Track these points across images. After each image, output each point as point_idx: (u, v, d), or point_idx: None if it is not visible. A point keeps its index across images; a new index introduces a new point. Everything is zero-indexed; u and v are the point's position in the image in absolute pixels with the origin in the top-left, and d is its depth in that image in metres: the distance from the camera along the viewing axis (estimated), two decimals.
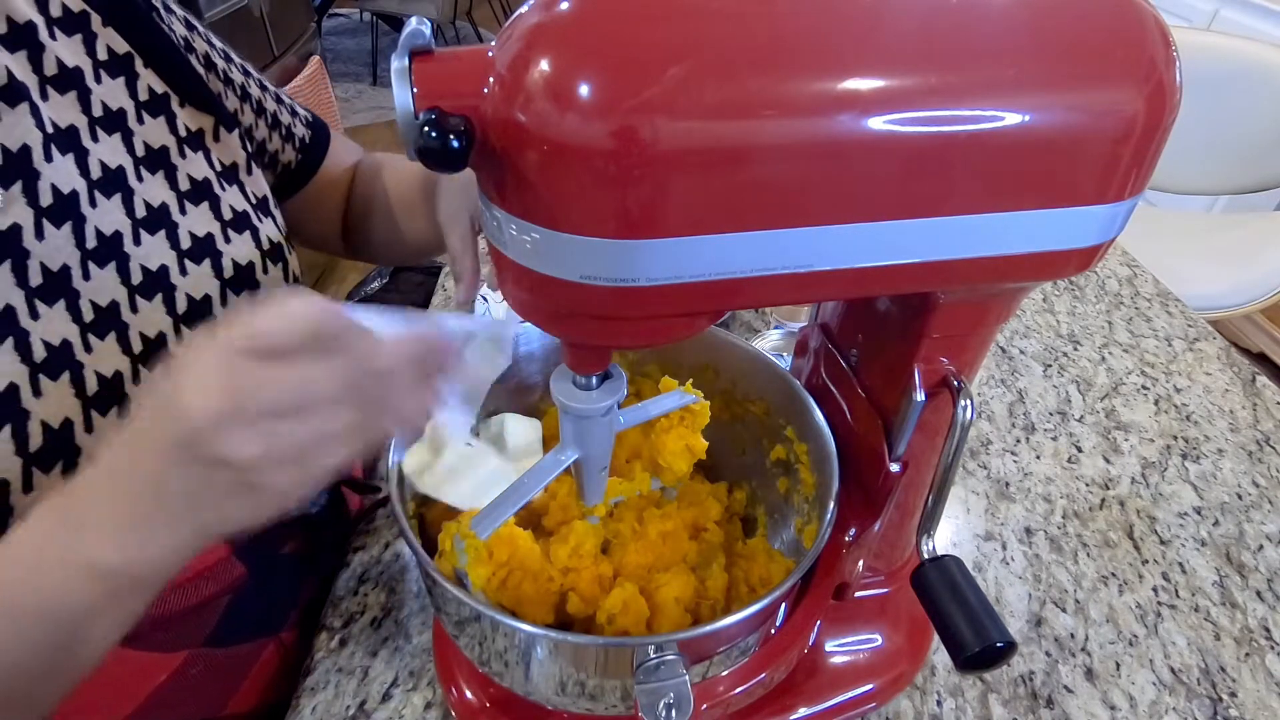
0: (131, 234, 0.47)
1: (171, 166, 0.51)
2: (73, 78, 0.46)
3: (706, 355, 0.59)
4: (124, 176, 0.48)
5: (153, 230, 0.49)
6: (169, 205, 0.50)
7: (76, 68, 0.47)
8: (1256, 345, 2.17)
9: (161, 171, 0.50)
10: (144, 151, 0.50)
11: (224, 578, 0.53)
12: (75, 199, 0.44)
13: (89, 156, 0.46)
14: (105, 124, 0.48)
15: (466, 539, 0.46)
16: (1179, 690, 0.59)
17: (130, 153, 0.49)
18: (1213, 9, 2.15)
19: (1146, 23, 0.29)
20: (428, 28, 0.28)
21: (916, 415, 0.41)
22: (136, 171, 0.49)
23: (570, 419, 0.40)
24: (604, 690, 0.43)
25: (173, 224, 0.50)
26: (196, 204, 0.51)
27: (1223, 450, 0.80)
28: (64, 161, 0.45)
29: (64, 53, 0.46)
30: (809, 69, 0.27)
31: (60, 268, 0.43)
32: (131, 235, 0.47)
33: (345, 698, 0.55)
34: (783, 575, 0.49)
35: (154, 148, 0.50)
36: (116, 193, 0.47)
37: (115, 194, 0.47)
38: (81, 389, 0.43)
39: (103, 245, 0.46)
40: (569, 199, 0.27)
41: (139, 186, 0.49)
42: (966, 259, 0.32)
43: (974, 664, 0.35)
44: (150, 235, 0.48)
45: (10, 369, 0.40)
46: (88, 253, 0.45)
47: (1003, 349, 0.93)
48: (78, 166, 0.46)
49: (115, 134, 0.48)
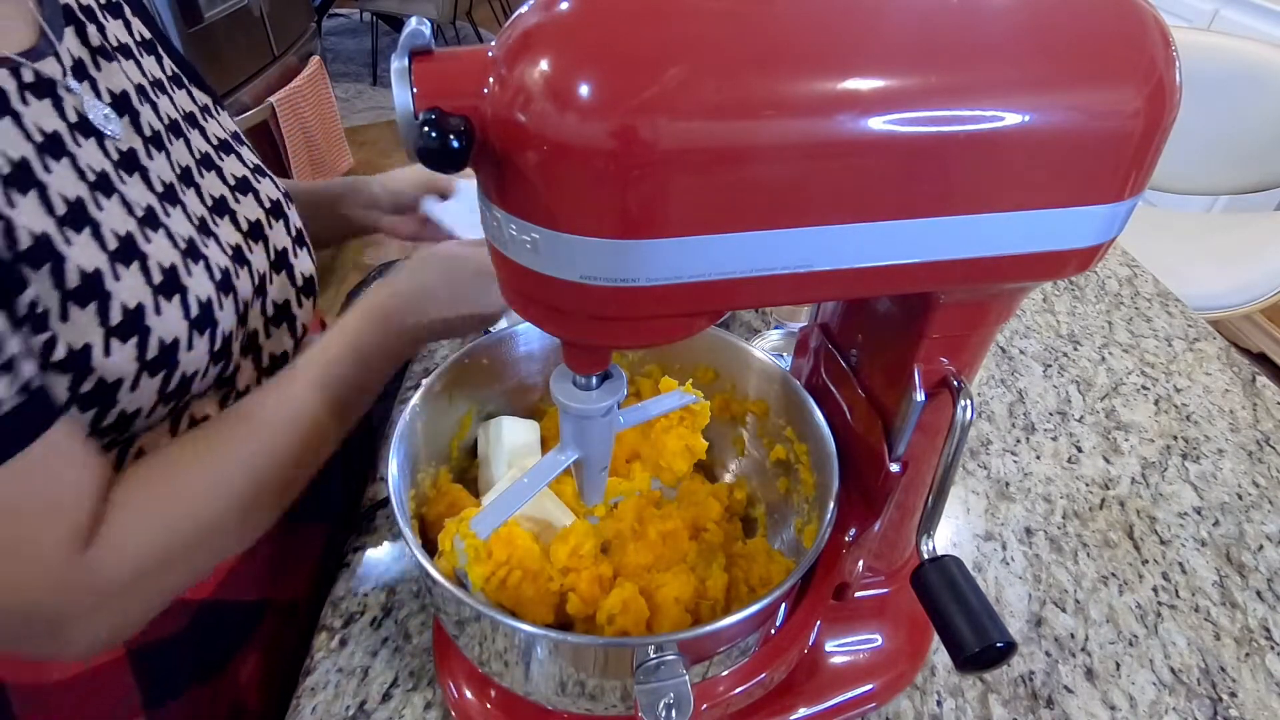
0: (197, 170, 0.56)
1: (202, 126, 0.60)
2: (124, 50, 0.54)
3: (706, 355, 0.59)
4: (180, 127, 0.57)
5: (208, 168, 0.58)
6: (191, 166, 0.57)
7: (125, 43, 0.55)
8: (1256, 345, 2.17)
9: (197, 130, 0.59)
10: (183, 114, 0.58)
11: None
12: (161, 134, 0.53)
13: (158, 108, 0.55)
14: (156, 87, 0.56)
15: (466, 539, 0.46)
16: (1179, 690, 0.59)
17: (177, 110, 0.57)
18: (1213, 9, 2.15)
19: (1146, 23, 0.29)
20: (428, 28, 0.28)
21: (916, 415, 0.41)
22: (179, 129, 0.57)
23: (570, 419, 0.40)
24: (604, 690, 0.43)
25: (196, 185, 0.56)
26: (208, 170, 0.58)
27: (1223, 450, 0.80)
28: (148, 108, 0.53)
29: (114, 29, 0.55)
30: (809, 69, 0.27)
31: (167, 184, 0.52)
32: (197, 171, 0.56)
33: (345, 698, 0.55)
34: (783, 575, 0.49)
35: (185, 111, 0.58)
36: (179, 139, 0.56)
37: (179, 140, 0.56)
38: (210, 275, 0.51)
39: (184, 174, 0.54)
40: (569, 199, 0.27)
41: (192, 135, 0.58)
42: (966, 259, 0.32)
43: (974, 664, 0.35)
44: (207, 172, 0.57)
45: (139, 292, 0.45)
46: (178, 175, 0.54)
47: (1003, 349, 0.93)
48: (155, 113, 0.54)
49: (164, 97, 0.56)
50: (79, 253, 0.42)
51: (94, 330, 0.42)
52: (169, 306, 0.46)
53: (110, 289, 0.43)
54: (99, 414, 0.44)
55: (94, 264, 0.43)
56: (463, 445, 0.57)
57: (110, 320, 0.43)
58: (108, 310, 0.43)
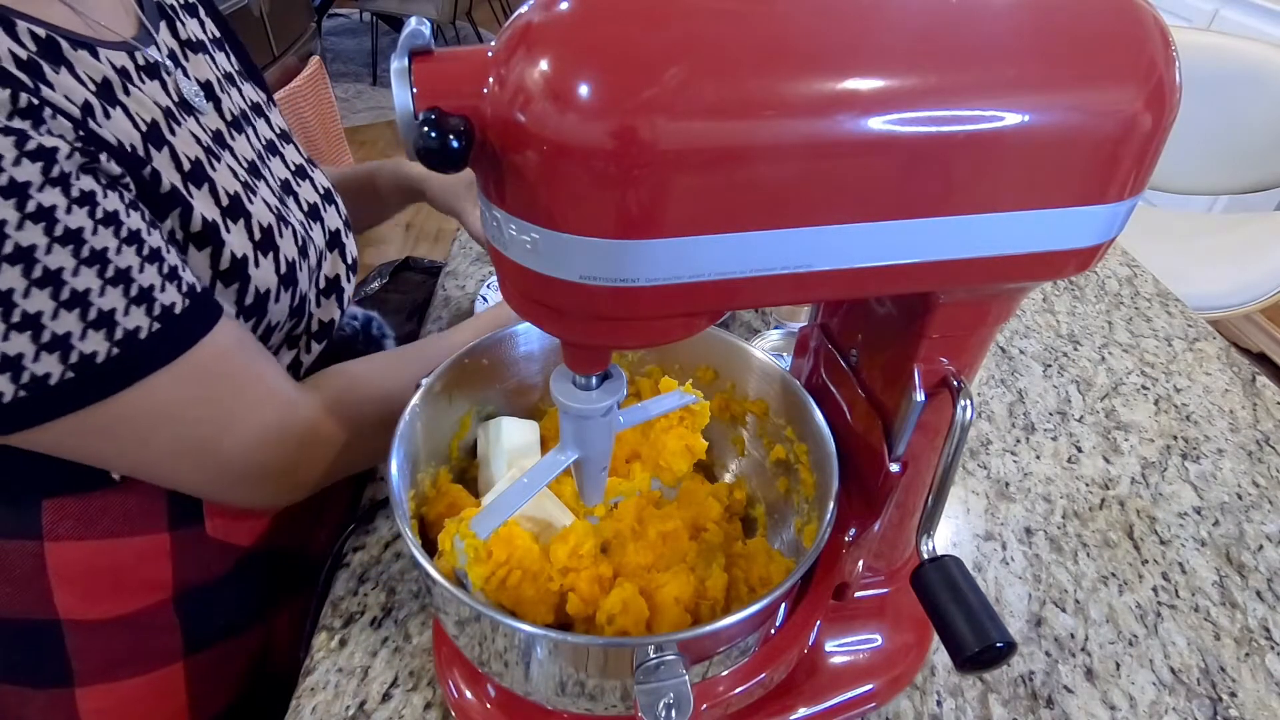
0: (266, 153, 0.62)
1: (267, 116, 0.66)
2: (198, 46, 0.60)
3: (706, 355, 0.59)
4: (247, 117, 0.62)
5: (272, 155, 0.63)
6: (261, 151, 0.62)
7: (200, 40, 0.61)
8: (1256, 345, 2.17)
9: (263, 120, 0.65)
10: (250, 104, 0.64)
11: None
12: (245, 116, 0.60)
13: (232, 96, 0.60)
14: (226, 80, 0.61)
15: (466, 539, 0.46)
16: (1179, 690, 0.59)
17: (245, 101, 0.63)
18: (1213, 9, 2.15)
19: (1146, 23, 0.29)
20: (427, 28, 0.28)
21: (916, 415, 0.41)
22: (248, 118, 0.63)
23: (570, 419, 0.40)
24: (604, 690, 0.43)
25: (269, 166, 0.61)
26: (273, 156, 0.64)
27: (1223, 450, 0.80)
28: (226, 96, 0.59)
29: (190, 27, 0.61)
30: (808, 69, 0.27)
31: (250, 162, 0.58)
32: (266, 154, 0.62)
33: (345, 698, 0.54)
34: (783, 575, 0.49)
35: (252, 102, 0.64)
36: (250, 127, 0.62)
37: (250, 127, 0.62)
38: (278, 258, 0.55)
39: (259, 154, 0.60)
40: (569, 199, 0.27)
41: (258, 123, 0.64)
42: (966, 259, 0.32)
43: (974, 664, 0.35)
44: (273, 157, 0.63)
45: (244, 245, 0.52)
46: (259, 152, 0.59)
47: (1003, 349, 0.93)
48: (233, 101, 0.60)
49: (234, 89, 0.62)
50: (201, 204, 0.49)
51: (204, 273, 0.49)
52: (265, 261, 0.53)
53: (224, 239, 0.50)
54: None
55: (212, 215, 0.49)
56: (463, 445, 0.57)
57: (220, 266, 0.50)
58: (219, 257, 0.49)
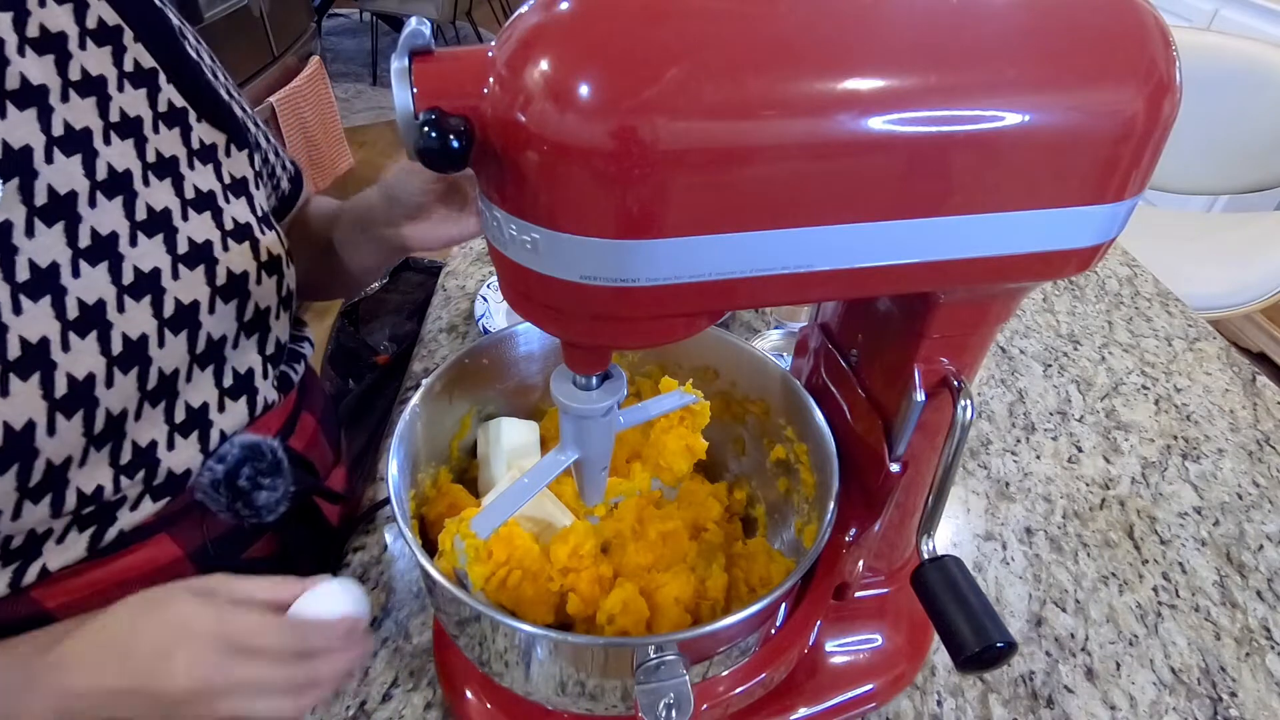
0: (129, 235, 0.49)
1: (180, 175, 0.53)
2: (95, 84, 0.49)
3: (706, 355, 0.59)
4: (130, 180, 0.49)
5: (150, 233, 0.50)
6: (171, 210, 0.51)
7: (101, 75, 0.49)
8: (1256, 345, 2.17)
9: (169, 178, 0.52)
10: (154, 158, 0.51)
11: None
12: (73, 199, 0.46)
13: (97, 159, 0.48)
14: (120, 129, 0.50)
15: (466, 539, 0.46)
16: (1179, 690, 0.59)
17: (140, 158, 0.51)
18: (1213, 9, 2.15)
19: (1146, 22, 0.29)
20: (428, 28, 0.28)
21: (916, 415, 0.41)
22: (144, 176, 0.51)
23: (570, 419, 0.40)
24: (604, 690, 0.43)
25: (172, 229, 0.51)
26: (200, 212, 0.53)
27: (1223, 450, 0.80)
28: (68, 163, 0.46)
29: (90, 61, 0.49)
30: (809, 69, 0.27)
31: (49, 264, 0.44)
32: (129, 237, 0.49)
33: (345, 698, 0.55)
34: (783, 575, 0.49)
35: (165, 156, 0.52)
36: (119, 195, 0.49)
37: (118, 196, 0.49)
38: (50, 390, 0.44)
39: (97, 245, 0.47)
40: (569, 199, 0.27)
41: (144, 190, 0.50)
42: (966, 259, 0.32)
43: (974, 664, 0.35)
44: (148, 238, 0.50)
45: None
46: (79, 251, 0.46)
47: (1003, 349, 0.93)
48: (83, 167, 0.47)
49: (129, 139, 0.50)
50: None
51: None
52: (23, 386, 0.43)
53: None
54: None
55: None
56: (463, 445, 0.57)
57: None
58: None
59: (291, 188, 0.70)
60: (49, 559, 0.47)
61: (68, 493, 0.46)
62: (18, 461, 0.43)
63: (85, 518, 0.48)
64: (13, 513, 0.44)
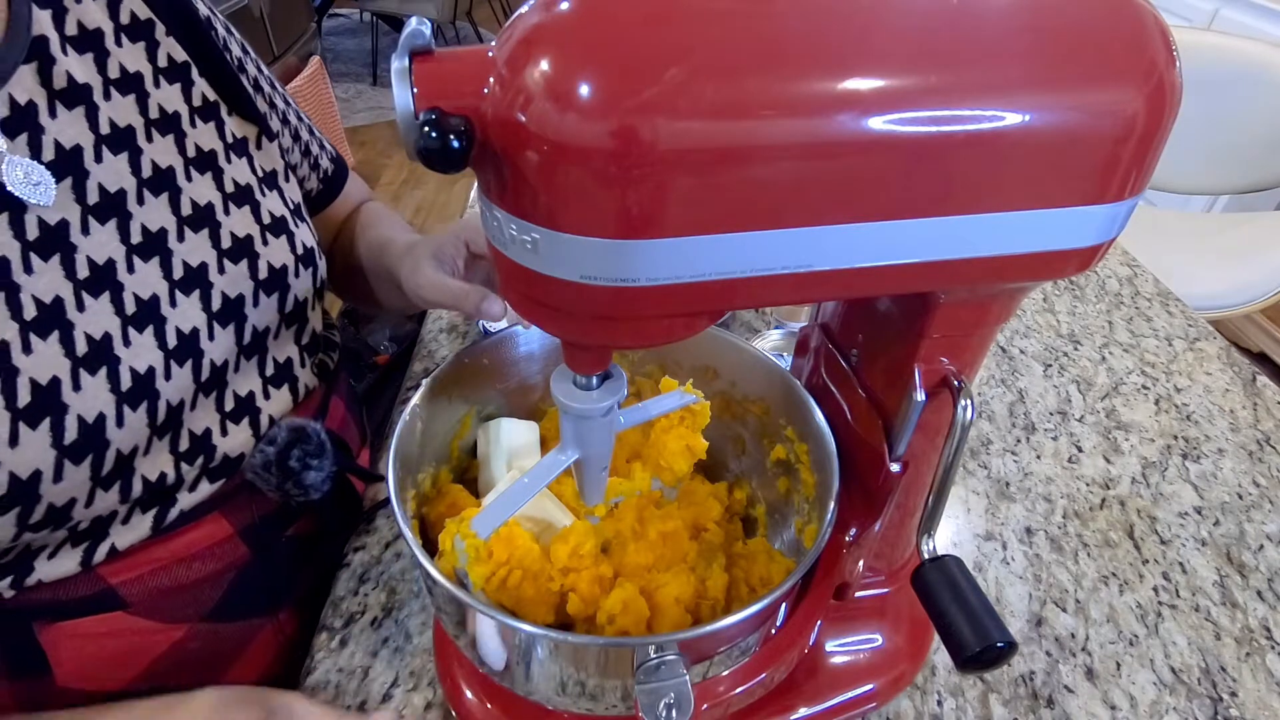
0: (176, 231, 0.50)
1: (219, 169, 0.54)
2: (133, 81, 0.50)
3: (706, 355, 0.59)
4: (174, 176, 0.51)
5: (196, 229, 0.51)
6: (214, 205, 0.53)
7: (138, 72, 0.50)
8: (1257, 345, 2.17)
9: (210, 173, 0.53)
10: (195, 153, 0.53)
11: (227, 556, 0.56)
12: (123, 197, 0.47)
13: (142, 156, 0.49)
14: (160, 126, 0.51)
15: (466, 539, 0.46)
16: (1179, 690, 0.59)
17: (181, 153, 0.52)
18: (1213, 9, 2.15)
19: (1146, 22, 0.29)
20: (428, 28, 0.28)
21: (917, 415, 0.41)
22: (186, 172, 0.52)
23: (570, 419, 0.40)
24: (604, 690, 0.43)
25: (216, 224, 0.52)
26: (240, 206, 0.54)
27: (1223, 450, 0.80)
28: (115, 161, 0.47)
29: (127, 58, 0.50)
30: (809, 69, 0.27)
31: (106, 260, 0.46)
32: (176, 232, 0.50)
33: (346, 698, 0.55)
34: (783, 575, 0.49)
35: (204, 150, 0.53)
36: (164, 192, 0.50)
37: (163, 193, 0.50)
38: (117, 384, 0.45)
39: (148, 240, 0.48)
40: (569, 199, 0.27)
41: (187, 186, 0.52)
42: (966, 259, 0.32)
43: (974, 664, 0.35)
44: (194, 233, 0.51)
45: (55, 361, 0.43)
46: (132, 247, 0.47)
47: (1003, 349, 0.93)
48: (130, 165, 0.48)
49: (169, 135, 0.51)
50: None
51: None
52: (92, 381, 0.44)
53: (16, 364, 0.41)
54: (23, 511, 0.42)
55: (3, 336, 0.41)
56: (463, 445, 0.57)
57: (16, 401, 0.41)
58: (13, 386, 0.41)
59: (335, 168, 0.72)
60: (116, 539, 0.49)
61: (134, 480, 0.48)
62: (92, 453, 0.44)
63: (149, 501, 0.50)
64: (86, 500, 0.45)
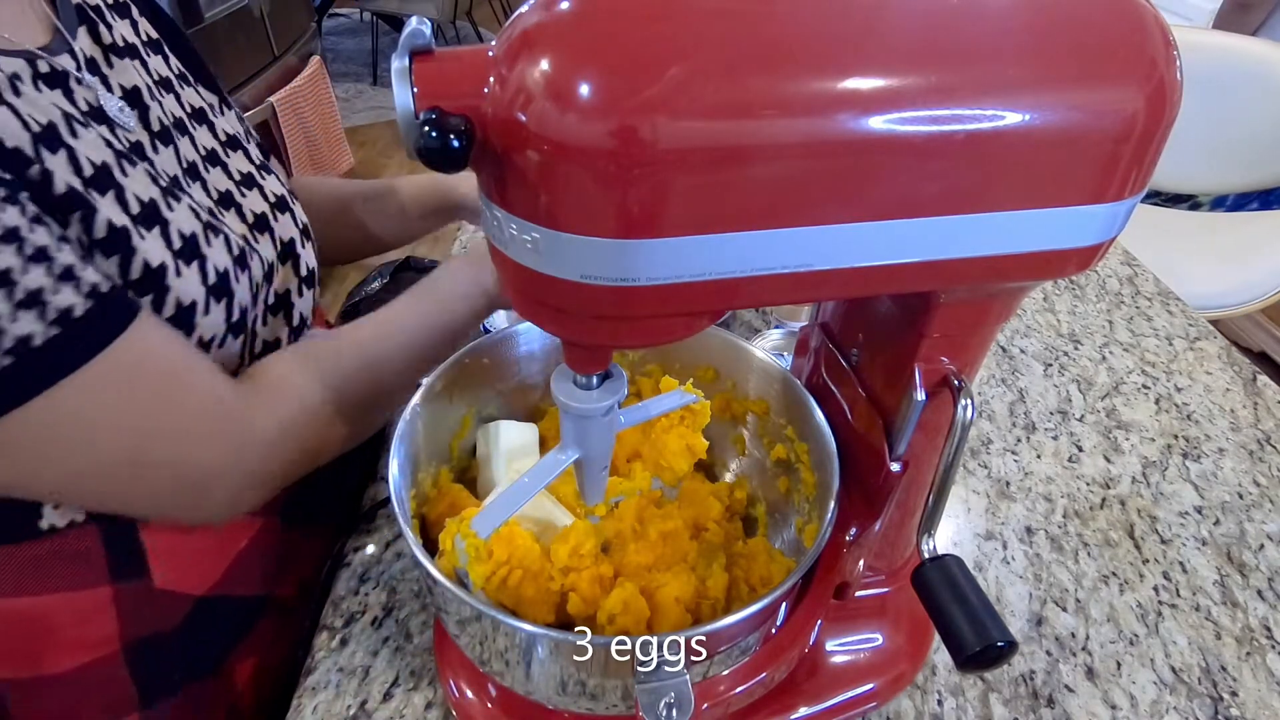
0: (203, 163, 0.57)
1: (210, 122, 0.61)
2: (132, 49, 0.56)
3: (706, 355, 0.59)
4: (183, 126, 0.57)
5: (214, 165, 0.58)
6: (196, 162, 0.57)
7: (131, 44, 0.56)
8: (1257, 344, 2.17)
9: (205, 126, 0.60)
10: (190, 110, 0.59)
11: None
12: (169, 130, 0.54)
13: (164, 106, 0.56)
14: (161, 86, 0.57)
15: (467, 539, 0.46)
16: (1180, 690, 0.59)
17: (181, 109, 0.58)
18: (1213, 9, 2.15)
19: (1147, 22, 0.29)
20: (428, 27, 0.28)
21: (917, 415, 0.41)
22: (184, 126, 0.58)
23: (571, 419, 0.40)
24: (605, 690, 0.43)
25: (202, 179, 0.57)
26: (214, 166, 0.59)
27: (1223, 449, 0.80)
28: (156, 104, 0.54)
29: (125, 31, 0.57)
30: (809, 68, 0.27)
31: (171, 178, 0.52)
32: (203, 165, 0.57)
33: (346, 697, 0.55)
34: (783, 575, 0.49)
35: (194, 108, 0.60)
36: (203, 124, 0.59)
37: (202, 125, 0.59)
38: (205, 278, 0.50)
39: (190, 169, 0.55)
40: (569, 199, 0.27)
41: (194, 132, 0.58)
42: (967, 259, 0.32)
43: (975, 663, 0.35)
44: (214, 168, 0.58)
45: (160, 253, 0.47)
46: (184, 169, 0.54)
47: (1003, 348, 0.93)
48: (178, 104, 0.57)
49: (170, 95, 0.58)
50: (107, 209, 0.44)
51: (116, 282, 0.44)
52: (189, 271, 0.48)
53: (135, 245, 0.45)
54: None
55: (121, 221, 0.45)
56: (463, 445, 0.57)
57: (131, 275, 0.45)
58: (129, 265, 0.45)
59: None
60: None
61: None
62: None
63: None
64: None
